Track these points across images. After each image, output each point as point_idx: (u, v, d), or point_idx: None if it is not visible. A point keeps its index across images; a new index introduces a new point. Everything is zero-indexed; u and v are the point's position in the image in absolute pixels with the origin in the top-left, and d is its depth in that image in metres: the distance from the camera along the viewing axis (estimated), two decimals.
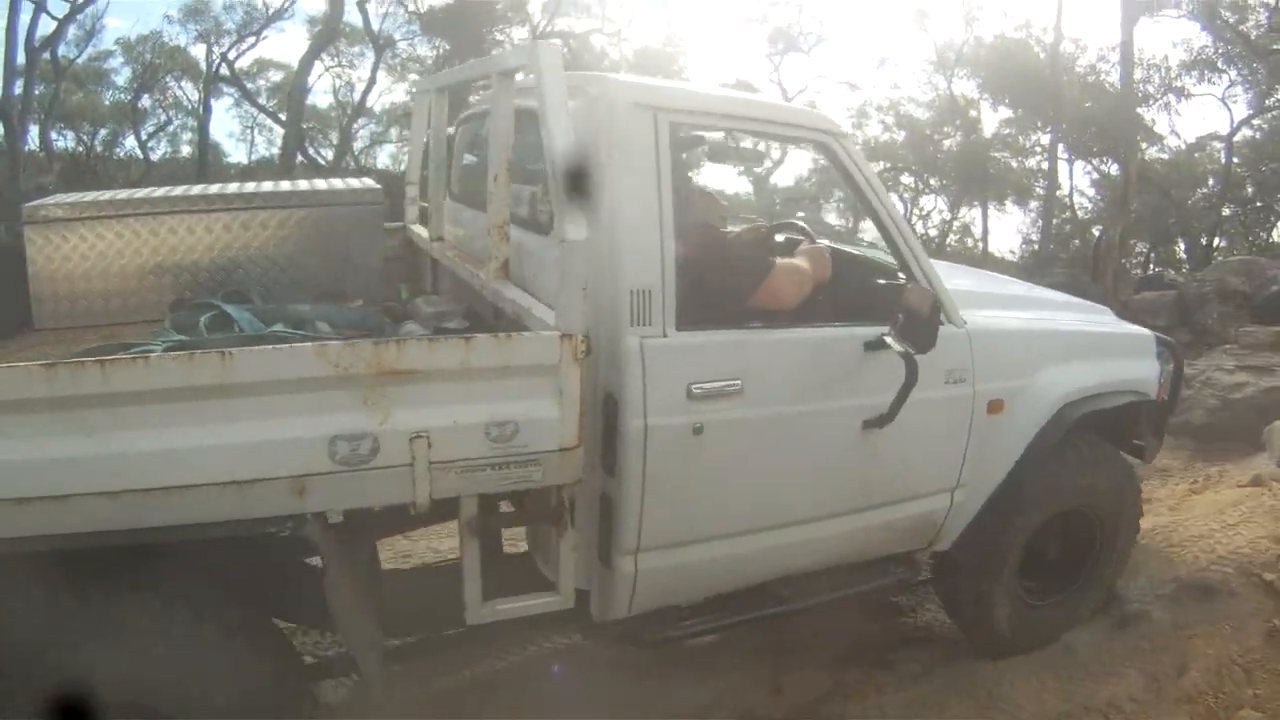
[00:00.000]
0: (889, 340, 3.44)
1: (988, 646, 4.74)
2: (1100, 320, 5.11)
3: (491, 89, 3.47)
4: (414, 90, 5.60)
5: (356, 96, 31.31)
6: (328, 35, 26.97)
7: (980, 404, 4.03)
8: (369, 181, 5.41)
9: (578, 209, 2.91)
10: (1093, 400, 4.44)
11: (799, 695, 4.74)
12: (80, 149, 29.60)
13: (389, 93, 32.98)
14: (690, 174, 3.62)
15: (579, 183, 2.90)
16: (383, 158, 34.01)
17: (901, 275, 3.92)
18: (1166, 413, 5.17)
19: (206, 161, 30.06)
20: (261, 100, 31.42)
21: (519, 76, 3.59)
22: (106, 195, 4.81)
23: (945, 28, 36.94)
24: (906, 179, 32.48)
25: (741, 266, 3.70)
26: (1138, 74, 26.69)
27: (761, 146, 3.81)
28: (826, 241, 4.55)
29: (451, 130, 4.96)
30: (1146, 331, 5.08)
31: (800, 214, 19.99)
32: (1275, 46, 25.71)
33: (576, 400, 2.91)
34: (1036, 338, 4.42)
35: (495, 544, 3.60)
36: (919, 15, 31.14)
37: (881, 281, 4.13)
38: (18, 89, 21.95)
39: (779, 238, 4.73)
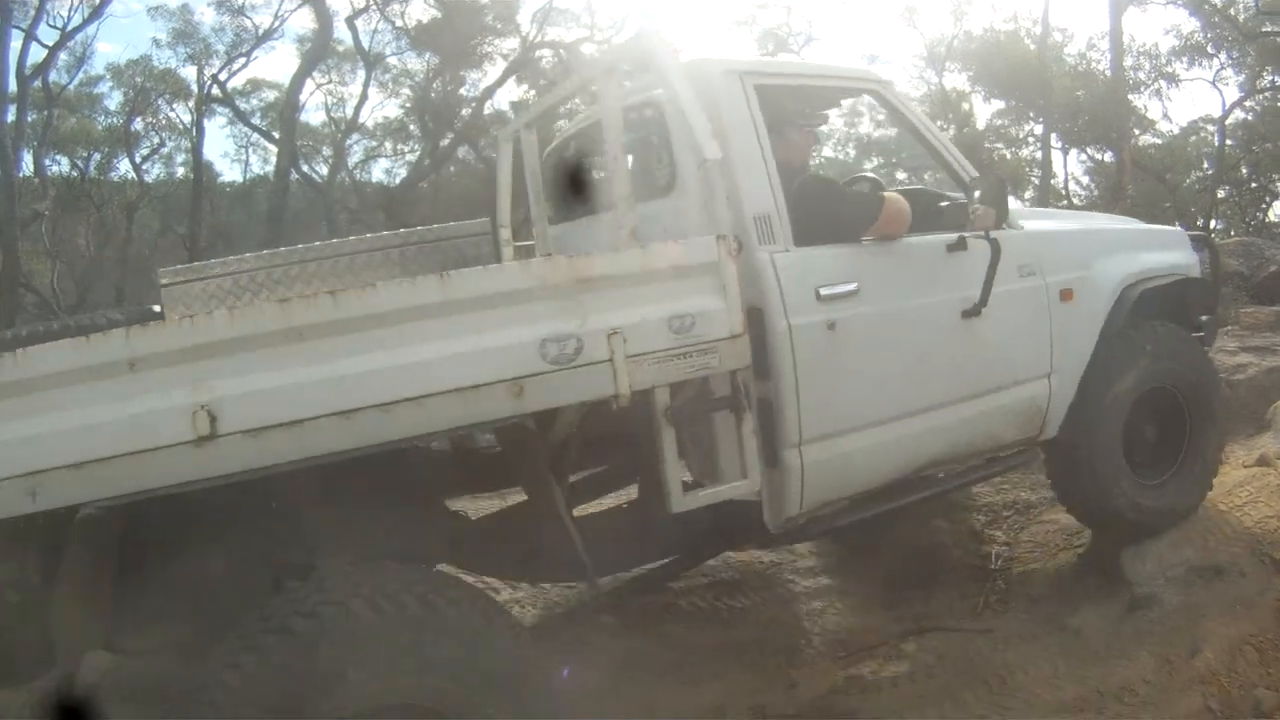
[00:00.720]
0: (972, 217, 4.20)
1: (1114, 532, 5.22)
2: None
3: (600, 85, 3.91)
4: (497, 136, 6.13)
5: (349, 112, 31.33)
6: (318, 53, 26.97)
7: (1053, 294, 4.65)
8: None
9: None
10: (1146, 282, 5.06)
11: (812, 690, 4.75)
12: (75, 174, 29.54)
13: (381, 108, 33.08)
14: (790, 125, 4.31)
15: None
16: (377, 172, 34.12)
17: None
18: (1213, 294, 5.82)
19: (201, 182, 30.01)
20: (255, 120, 31.42)
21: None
22: (233, 259, 5.04)
23: (934, 23, 37.12)
24: (901, 175, 32.54)
25: (861, 201, 4.37)
26: (1127, 61, 26.75)
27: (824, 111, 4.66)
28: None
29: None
30: (1179, 229, 5.89)
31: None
32: (1265, 29, 25.74)
33: (737, 292, 3.40)
34: (1086, 235, 5.18)
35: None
36: (908, 12, 31.29)
37: (944, 202, 4.77)
38: (10, 116, 21.92)
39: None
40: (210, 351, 2.79)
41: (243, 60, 29.54)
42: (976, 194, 4.24)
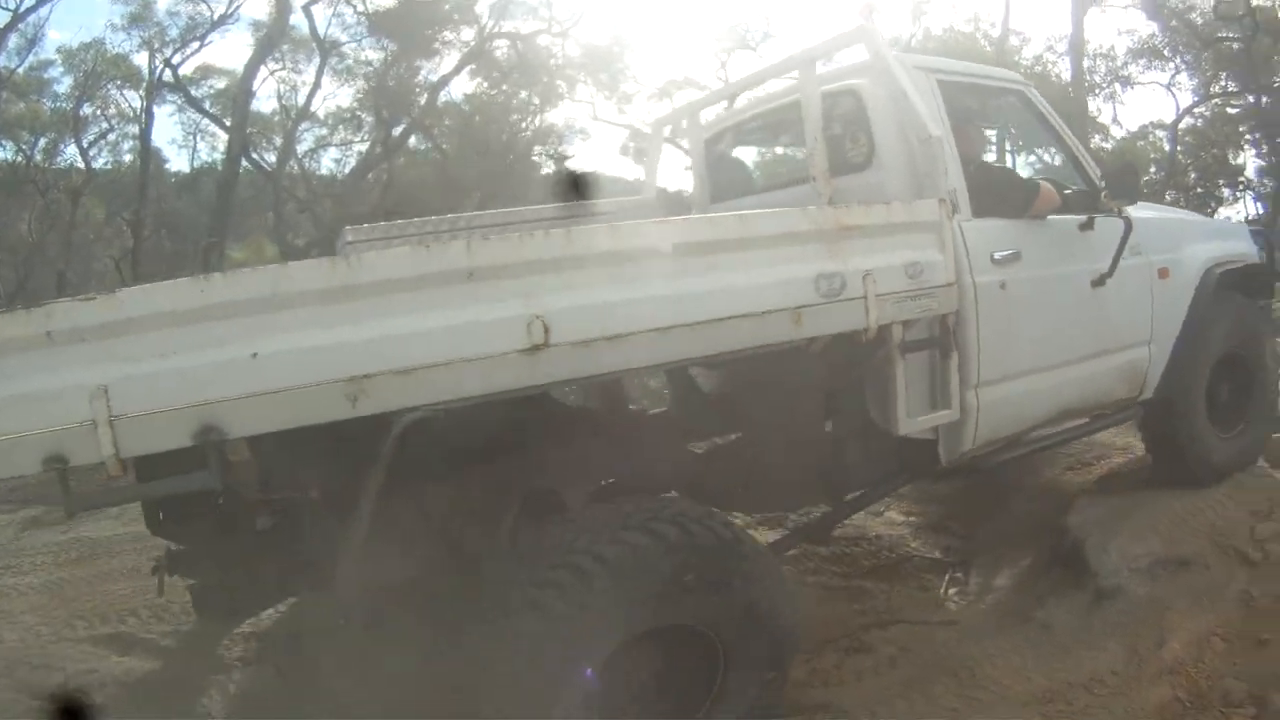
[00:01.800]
0: (1104, 201, 5.04)
1: (1202, 477, 5.76)
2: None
3: (801, 75, 4.65)
4: (653, 123, 7.01)
5: (300, 100, 30.84)
6: (273, 38, 26.55)
7: (1153, 271, 5.40)
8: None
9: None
10: (1223, 265, 5.87)
11: None
12: (20, 159, 28.84)
13: (333, 96, 32.62)
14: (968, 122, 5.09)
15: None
16: (326, 161, 33.69)
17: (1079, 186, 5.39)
18: (1273, 276, 6.82)
19: (149, 168, 29.45)
20: (206, 106, 30.85)
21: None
22: (415, 221, 5.60)
23: (894, 22, 37.38)
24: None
25: (1025, 185, 5.01)
26: (1084, 63, 26.96)
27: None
28: None
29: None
30: (1241, 222, 7.18)
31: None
32: (1220, 34, 26.06)
33: (951, 247, 4.15)
34: (1175, 223, 6.07)
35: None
36: (866, 9, 31.43)
37: (1069, 191, 5.30)
38: None
39: None
40: (546, 267, 3.08)
41: (196, 45, 29.04)
42: (1102, 182, 5.11)
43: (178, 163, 33.46)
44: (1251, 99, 28.73)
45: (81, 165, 29.76)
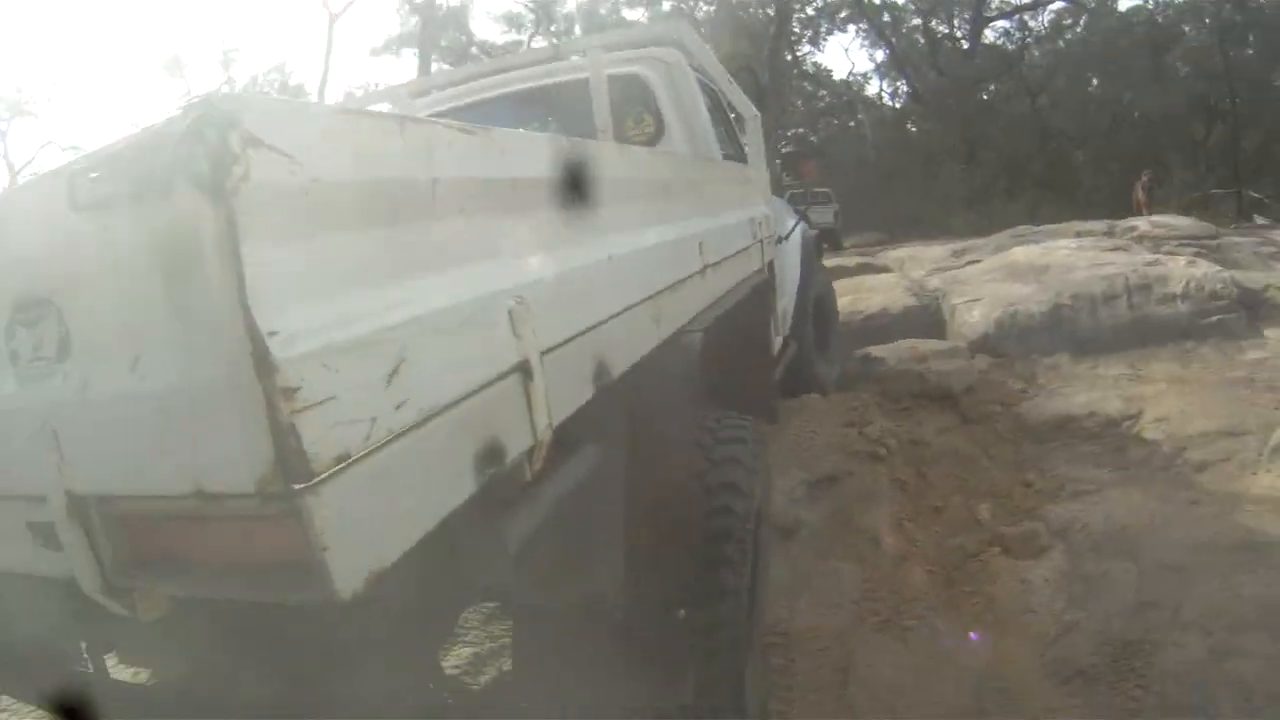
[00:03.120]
0: None
1: (820, 390, 6.57)
2: None
3: (592, 61, 4.54)
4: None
5: None
6: None
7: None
8: None
9: None
10: (807, 230, 6.92)
11: None
12: None
13: None
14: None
15: None
16: None
17: None
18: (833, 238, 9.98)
19: None
20: None
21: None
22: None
23: (203, 73, 35.42)
24: None
25: None
26: None
27: None
28: None
29: None
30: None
31: None
32: None
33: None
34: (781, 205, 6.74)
35: None
36: (172, 63, 29.71)
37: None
38: None
39: None
40: None
41: None
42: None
43: None
44: None
45: None
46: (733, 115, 5.76)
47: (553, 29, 31.78)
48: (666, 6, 30.44)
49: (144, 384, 1.16)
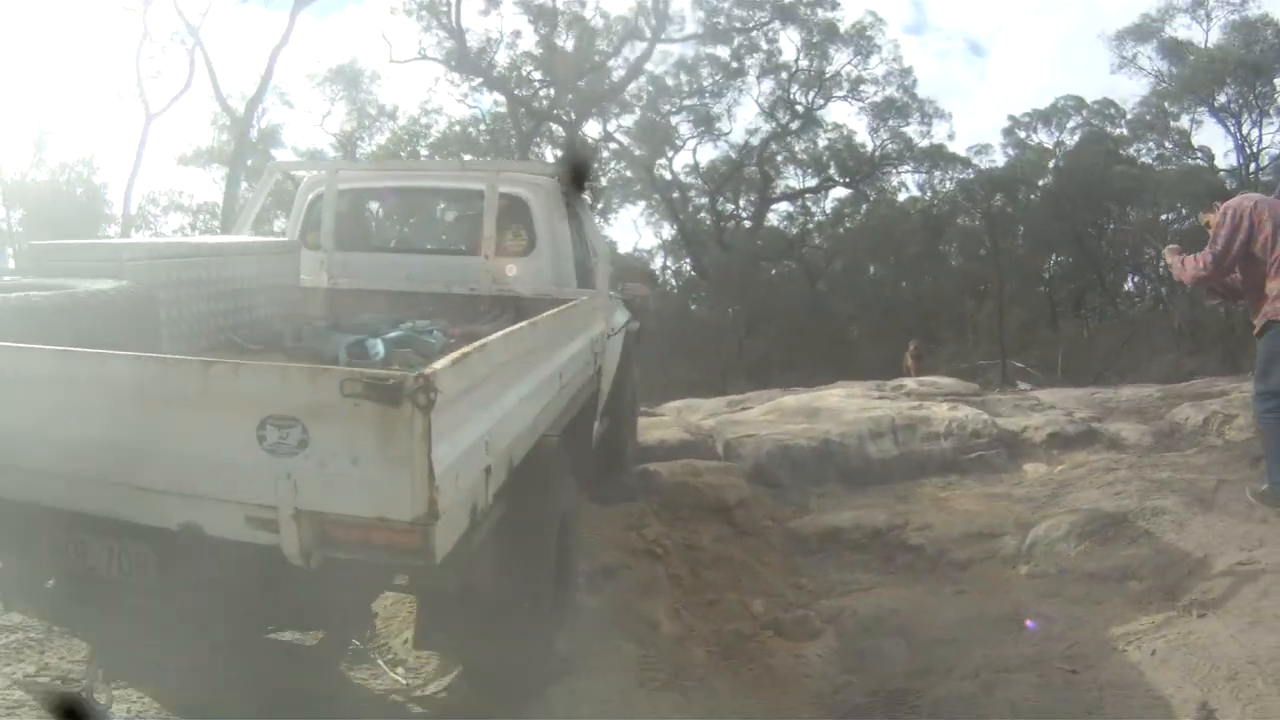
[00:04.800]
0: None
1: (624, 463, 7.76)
2: None
3: (488, 182, 6.18)
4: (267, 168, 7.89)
5: None
6: None
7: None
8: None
9: None
10: (628, 327, 7.74)
11: None
12: None
13: None
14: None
15: None
16: None
17: None
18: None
19: None
20: None
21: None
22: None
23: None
24: None
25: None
26: None
27: None
28: None
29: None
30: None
31: None
32: None
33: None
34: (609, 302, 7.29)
35: None
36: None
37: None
38: None
39: None
40: None
41: None
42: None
43: None
44: None
45: None
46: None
47: None
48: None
49: (357, 469, 2.69)
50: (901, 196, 36.21)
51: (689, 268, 37.24)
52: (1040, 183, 34.33)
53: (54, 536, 3.35)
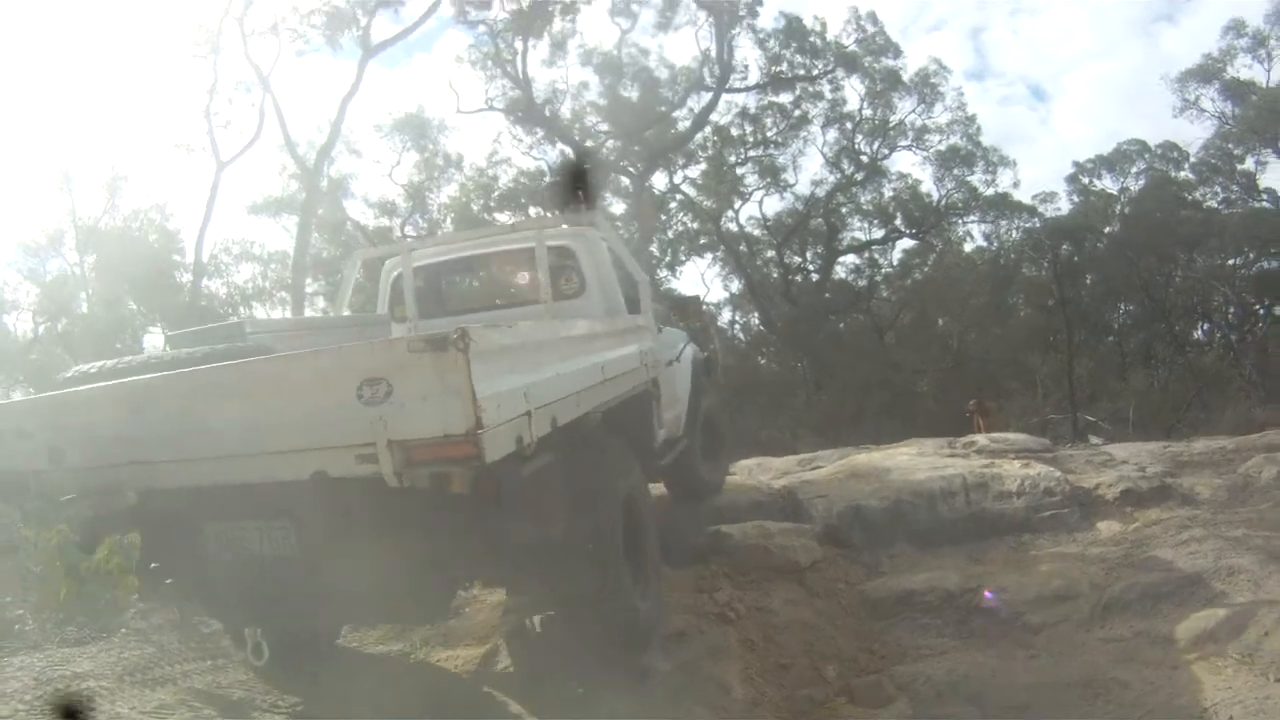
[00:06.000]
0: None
1: (700, 491, 8.83)
2: None
3: (536, 237, 6.84)
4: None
5: None
6: None
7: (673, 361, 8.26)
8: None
9: None
10: (697, 357, 9.13)
11: None
12: None
13: None
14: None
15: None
16: None
17: None
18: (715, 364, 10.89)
19: None
20: None
21: None
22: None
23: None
24: None
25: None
26: None
27: None
28: None
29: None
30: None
31: None
32: None
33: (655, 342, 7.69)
34: (674, 333, 8.88)
35: None
36: (62, 178, 29.36)
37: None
38: None
39: None
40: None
41: None
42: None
43: None
44: None
45: None
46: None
47: (422, 220, 33.38)
48: (533, 212, 31.93)
49: (426, 403, 3.78)
50: (968, 247, 35.96)
51: (757, 322, 37.31)
52: (1106, 230, 33.89)
53: (217, 526, 4.78)
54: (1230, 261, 31.46)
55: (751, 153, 34.45)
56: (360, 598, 4.75)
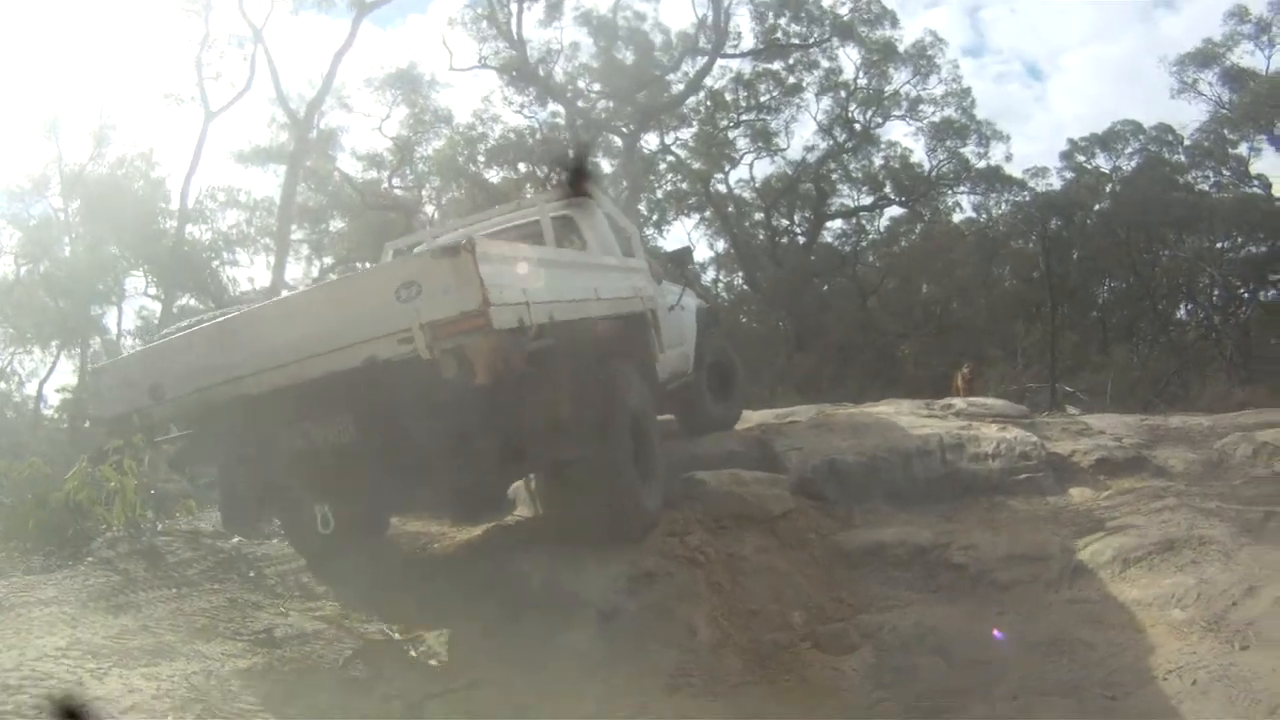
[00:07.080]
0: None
1: (707, 426, 9.55)
2: None
3: (541, 210, 7.90)
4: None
5: None
6: None
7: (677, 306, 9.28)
8: None
9: None
10: (699, 305, 10.42)
11: None
12: None
13: None
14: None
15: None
16: None
17: None
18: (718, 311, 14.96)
19: None
20: None
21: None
22: None
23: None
24: None
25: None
26: None
27: None
28: None
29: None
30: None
31: None
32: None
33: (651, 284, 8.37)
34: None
35: None
36: (50, 126, 30.61)
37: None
38: None
39: None
40: None
41: None
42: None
43: None
44: None
45: None
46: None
47: (409, 173, 33.44)
48: (522, 168, 31.83)
49: (446, 295, 4.60)
50: (957, 217, 35.68)
51: (741, 281, 37.31)
52: (1096, 207, 33.83)
53: (289, 428, 5.59)
54: (1219, 245, 31.45)
55: (744, 117, 34.04)
56: (408, 484, 5.81)
